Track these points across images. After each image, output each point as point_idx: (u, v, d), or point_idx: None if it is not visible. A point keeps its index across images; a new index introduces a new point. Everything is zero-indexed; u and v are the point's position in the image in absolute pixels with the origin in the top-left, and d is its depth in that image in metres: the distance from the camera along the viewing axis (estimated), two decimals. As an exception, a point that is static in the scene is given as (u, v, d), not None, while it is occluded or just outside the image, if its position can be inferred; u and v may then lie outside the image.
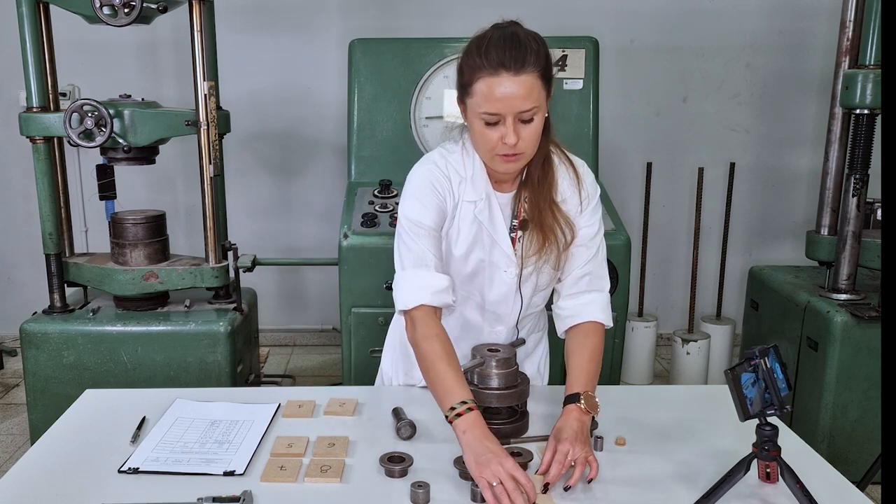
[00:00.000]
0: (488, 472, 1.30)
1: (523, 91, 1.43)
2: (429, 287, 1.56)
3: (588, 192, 1.65)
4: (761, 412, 1.32)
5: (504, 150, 1.49)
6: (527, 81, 1.44)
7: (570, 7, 4.01)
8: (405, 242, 1.60)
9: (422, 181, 1.61)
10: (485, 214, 1.62)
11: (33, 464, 1.50)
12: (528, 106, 1.45)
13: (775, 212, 4.41)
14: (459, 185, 1.61)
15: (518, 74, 1.43)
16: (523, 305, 1.71)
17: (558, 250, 1.62)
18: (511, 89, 1.43)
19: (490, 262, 1.65)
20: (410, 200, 1.61)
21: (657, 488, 1.40)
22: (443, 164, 1.62)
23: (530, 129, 1.48)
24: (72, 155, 3.91)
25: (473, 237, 1.63)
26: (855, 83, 2.83)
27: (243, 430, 1.62)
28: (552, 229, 1.60)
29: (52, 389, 2.78)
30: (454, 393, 1.44)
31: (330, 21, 4.15)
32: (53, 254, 2.89)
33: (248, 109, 3.95)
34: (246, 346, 3.02)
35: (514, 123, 1.46)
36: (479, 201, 1.61)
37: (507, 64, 1.43)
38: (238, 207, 4.05)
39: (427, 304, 1.56)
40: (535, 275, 1.67)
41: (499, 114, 1.45)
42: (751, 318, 3.50)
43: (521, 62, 1.43)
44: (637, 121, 4.27)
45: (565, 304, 1.69)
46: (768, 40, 4.19)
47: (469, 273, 1.67)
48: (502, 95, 1.43)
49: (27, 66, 2.75)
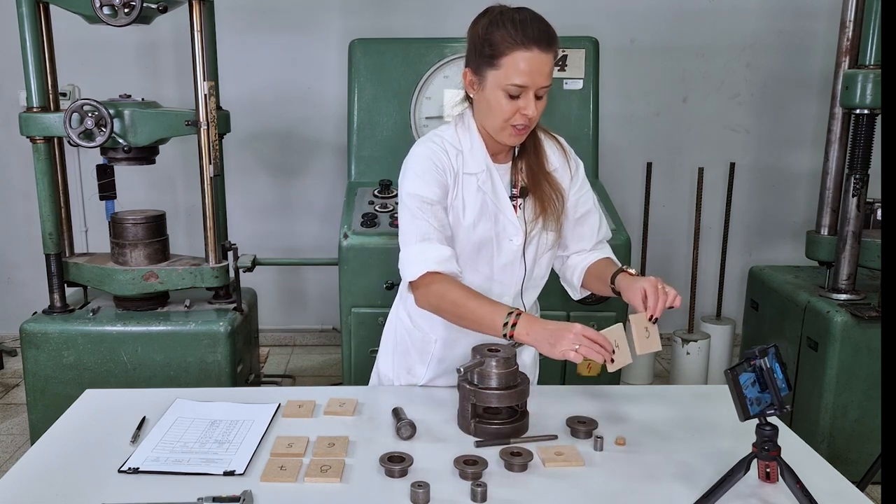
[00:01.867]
0: (565, 344, 1.46)
1: (548, 68, 1.57)
2: (433, 258, 1.62)
3: (575, 160, 1.80)
4: (761, 412, 1.33)
5: (519, 122, 1.60)
6: (551, 60, 1.57)
7: (570, 7, 4.01)
8: (408, 218, 1.66)
9: (420, 158, 1.69)
10: (488, 185, 1.70)
11: (33, 464, 1.50)
12: (548, 82, 1.59)
13: (775, 212, 4.41)
14: (457, 157, 1.69)
15: (547, 52, 1.56)
16: (526, 272, 1.77)
17: (556, 216, 1.74)
18: (540, 65, 1.56)
19: (496, 230, 1.72)
20: (411, 176, 1.67)
21: (657, 488, 1.41)
22: (438, 141, 1.71)
23: (541, 105, 1.61)
24: (72, 155, 3.91)
25: (479, 208, 1.70)
26: (855, 83, 2.83)
27: (243, 430, 1.62)
28: (549, 196, 1.72)
29: (52, 389, 2.78)
30: (495, 314, 1.55)
31: (330, 21, 4.15)
32: (53, 254, 2.89)
33: (248, 109, 3.95)
34: (246, 346, 3.02)
35: (533, 98, 1.58)
36: (481, 173, 1.70)
37: (541, 42, 1.55)
38: (238, 207, 4.05)
39: (433, 271, 1.62)
40: (536, 240, 1.75)
41: (525, 86, 1.56)
42: (751, 318, 3.50)
43: (552, 41, 1.57)
44: (637, 121, 4.27)
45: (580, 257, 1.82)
46: (768, 40, 4.19)
47: (476, 242, 1.72)
48: (533, 70, 1.55)
49: (27, 66, 2.76)
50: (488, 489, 1.35)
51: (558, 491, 1.39)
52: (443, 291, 1.61)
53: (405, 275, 1.66)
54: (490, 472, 1.43)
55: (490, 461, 1.45)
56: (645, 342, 1.58)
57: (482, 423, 1.58)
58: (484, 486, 1.34)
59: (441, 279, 1.62)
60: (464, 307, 1.59)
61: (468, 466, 1.41)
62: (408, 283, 1.68)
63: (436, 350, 1.84)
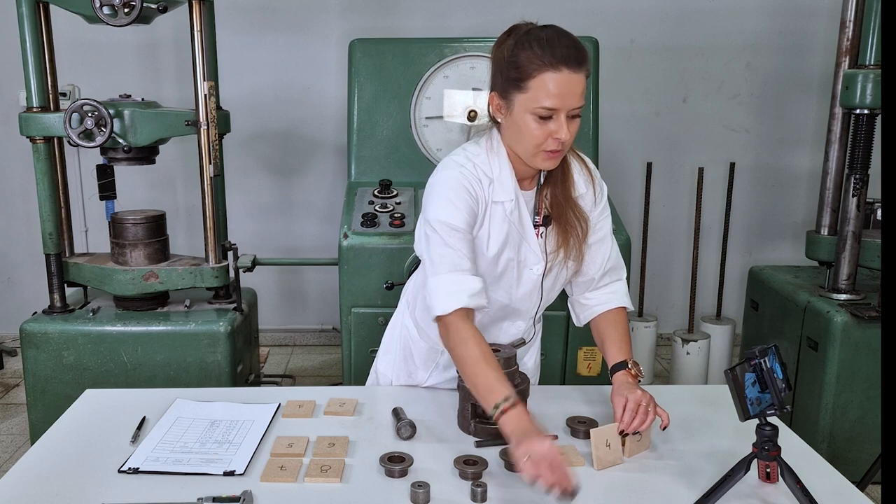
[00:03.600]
0: (526, 455, 1.32)
1: (580, 88, 1.49)
2: (466, 290, 1.55)
3: (601, 186, 1.72)
4: (761, 412, 1.33)
5: (552, 146, 1.52)
6: (582, 80, 1.49)
7: (570, 7, 4.01)
8: (438, 246, 1.57)
9: (454, 183, 1.58)
10: (515, 214, 1.63)
11: (33, 464, 1.50)
12: (581, 103, 1.51)
13: (775, 212, 4.41)
14: (489, 186, 1.60)
15: (577, 72, 1.48)
16: (542, 300, 1.75)
17: (579, 244, 1.67)
18: (571, 86, 1.48)
19: (518, 260, 1.67)
20: (441, 202, 1.58)
21: (657, 488, 1.41)
22: (471, 167, 1.60)
23: (574, 127, 1.53)
24: (72, 155, 3.91)
25: (505, 237, 1.64)
26: (855, 83, 2.83)
27: (243, 430, 1.62)
28: (572, 224, 1.65)
29: (52, 389, 2.78)
30: (497, 391, 1.45)
31: (330, 21, 4.15)
32: (53, 254, 2.89)
33: (248, 109, 3.95)
34: (246, 346, 3.02)
35: (566, 120, 1.50)
36: (510, 201, 1.61)
37: (570, 61, 1.47)
38: (238, 207, 4.05)
39: (464, 307, 1.54)
40: (556, 269, 1.70)
41: (555, 109, 1.48)
42: (751, 318, 3.50)
43: (582, 60, 1.48)
44: (637, 121, 4.27)
45: (592, 295, 1.76)
46: (768, 40, 4.19)
47: (499, 273, 1.67)
48: (563, 91, 1.47)
49: (27, 66, 2.76)
50: (488, 489, 1.35)
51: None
52: (465, 339, 1.53)
53: (436, 307, 1.56)
54: (490, 472, 1.43)
55: (490, 461, 1.46)
56: (605, 455, 1.47)
57: (482, 423, 1.58)
58: (484, 486, 1.34)
59: (465, 324, 1.54)
60: (473, 368, 1.51)
61: (468, 466, 1.42)
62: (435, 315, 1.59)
63: (442, 360, 1.83)
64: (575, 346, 2.76)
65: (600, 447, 1.46)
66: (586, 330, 2.81)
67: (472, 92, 3.00)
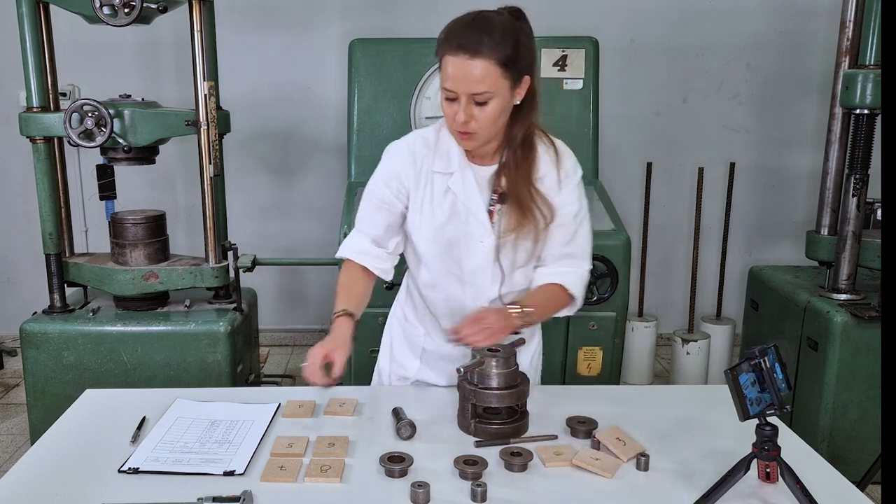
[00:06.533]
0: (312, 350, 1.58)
1: (477, 74, 1.51)
2: (352, 247, 1.78)
3: (567, 170, 1.72)
4: (761, 412, 1.33)
5: (458, 127, 1.59)
6: (482, 66, 1.51)
7: (570, 7, 4.01)
8: (362, 205, 1.80)
9: (387, 156, 1.76)
10: (458, 186, 1.69)
11: (33, 464, 1.50)
12: (480, 89, 1.53)
13: (775, 212, 4.41)
14: (425, 156, 1.71)
15: (473, 58, 1.51)
16: (504, 279, 1.75)
17: (537, 229, 1.69)
18: (467, 71, 1.52)
19: (466, 232, 1.71)
20: (377, 170, 1.77)
21: (657, 488, 1.41)
22: (411, 139, 1.74)
23: (485, 113, 1.56)
24: (72, 155, 3.90)
25: (449, 208, 1.70)
26: (855, 83, 2.83)
27: (243, 430, 1.62)
28: (530, 208, 1.67)
29: (52, 389, 2.78)
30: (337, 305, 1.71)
31: (330, 21, 4.15)
32: (53, 254, 2.89)
33: (248, 109, 3.94)
34: (246, 346, 3.02)
35: (467, 103, 1.55)
36: (454, 173, 1.69)
37: (464, 46, 1.52)
38: (238, 207, 4.05)
39: (349, 258, 1.77)
40: (512, 249, 1.71)
41: (454, 91, 1.55)
42: (751, 318, 3.49)
43: (477, 47, 1.51)
44: (637, 121, 4.27)
45: (540, 270, 1.77)
46: (768, 40, 4.19)
47: (446, 242, 1.73)
48: (458, 75, 1.53)
49: (27, 66, 2.76)
50: (488, 489, 1.35)
51: (558, 491, 1.39)
52: (341, 273, 1.78)
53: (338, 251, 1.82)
54: (490, 472, 1.43)
55: (490, 461, 1.46)
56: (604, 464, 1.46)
57: (482, 423, 1.59)
58: (484, 486, 1.34)
59: (347, 272, 1.78)
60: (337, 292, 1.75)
61: (468, 466, 1.42)
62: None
63: (424, 342, 1.89)
64: (575, 346, 2.76)
65: (593, 464, 1.45)
66: (586, 330, 2.82)
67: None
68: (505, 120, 1.62)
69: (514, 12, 1.60)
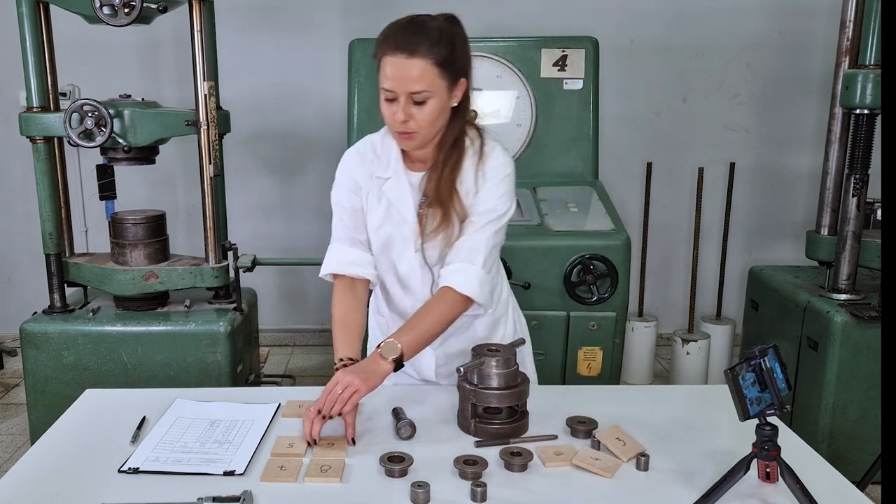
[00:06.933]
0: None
1: (414, 73, 1.55)
2: (334, 259, 1.80)
3: (485, 171, 1.71)
4: (761, 412, 1.33)
5: (397, 127, 1.61)
6: (419, 66, 1.55)
7: (570, 7, 4.01)
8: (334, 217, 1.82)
9: (342, 164, 1.80)
10: (393, 191, 1.73)
11: (33, 464, 1.50)
12: (418, 88, 1.56)
13: (775, 212, 4.41)
14: (372, 161, 1.75)
15: (410, 58, 1.55)
16: (434, 282, 1.77)
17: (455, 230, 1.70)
18: (404, 70, 1.55)
19: (400, 235, 1.75)
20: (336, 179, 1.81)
21: (657, 488, 1.41)
22: (360, 144, 1.80)
23: (424, 112, 1.59)
24: (72, 155, 3.90)
25: (385, 212, 1.75)
26: (855, 83, 2.83)
27: (243, 430, 1.62)
28: (448, 210, 1.69)
29: (52, 389, 2.78)
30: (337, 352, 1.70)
31: (330, 21, 4.15)
32: (53, 254, 2.89)
33: (248, 109, 3.94)
34: (246, 346, 3.02)
35: (406, 103, 1.58)
36: (390, 178, 1.74)
37: (401, 46, 1.56)
38: (238, 207, 4.05)
39: (335, 272, 1.78)
40: (437, 251, 1.73)
41: (392, 91, 1.58)
42: (751, 318, 3.49)
43: (413, 46, 1.55)
44: (637, 121, 4.27)
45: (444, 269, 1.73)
46: (768, 40, 4.19)
47: (382, 245, 1.78)
48: (396, 75, 1.56)
49: (27, 66, 2.76)
50: (488, 489, 1.35)
51: (558, 491, 1.39)
52: (333, 303, 1.77)
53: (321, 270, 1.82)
54: (490, 472, 1.43)
55: (490, 461, 1.46)
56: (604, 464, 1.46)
57: (482, 423, 1.59)
58: (484, 486, 1.34)
59: (337, 290, 1.78)
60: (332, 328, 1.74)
61: (468, 466, 1.42)
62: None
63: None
64: (575, 346, 2.76)
65: (593, 464, 1.45)
66: (586, 330, 2.82)
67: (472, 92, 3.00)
68: (444, 122, 1.65)
69: (449, 18, 1.64)
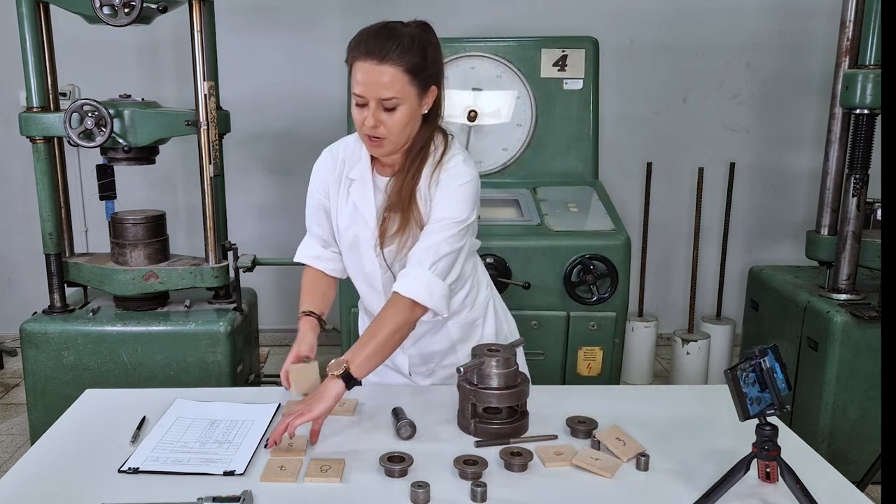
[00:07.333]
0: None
1: (386, 80, 1.57)
2: (304, 252, 1.92)
3: (440, 178, 1.70)
4: (761, 412, 1.33)
5: (367, 132, 1.63)
6: (389, 72, 1.58)
7: (570, 7, 4.00)
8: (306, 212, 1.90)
9: (316, 165, 1.89)
10: (358, 193, 1.77)
11: (33, 464, 1.50)
12: (388, 94, 1.58)
13: (775, 212, 4.41)
14: (343, 161, 1.80)
15: (381, 64, 1.57)
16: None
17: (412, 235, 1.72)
18: (375, 76, 1.58)
19: (363, 237, 1.78)
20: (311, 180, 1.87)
21: (657, 488, 1.41)
22: (335, 145, 1.86)
23: (394, 119, 1.61)
24: (72, 155, 3.90)
25: (351, 213, 1.79)
26: (855, 83, 2.83)
27: (243, 430, 1.62)
28: (407, 215, 1.71)
29: (52, 389, 2.78)
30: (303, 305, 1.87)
31: (330, 20, 4.15)
32: (53, 254, 2.89)
33: (248, 109, 3.94)
34: (246, 346, 3.02)
35: (376, 109, 1.60)
36: (357, 181, 1.77)
37: (372, 52, 1.58)
38: (238, 207, 4.05)
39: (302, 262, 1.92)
40: (398, 256, 1.75)
41: (363, 96, 1.60)
42: (751, 318, 3.49)
43: (384, 53, 1.58)
44: (637, 121, 4.27)
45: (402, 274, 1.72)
46: (768, 40, 4.19)
47: (349, 244, 1.82)
48: (366, 80, 1.59)
49: (27, 66, 2.75)
50: (488, 489, 1.35)
51: (558, 491, 1.39)
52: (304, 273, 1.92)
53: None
54: (490, 472, 1.43)
55: (490, 461, 1.46)
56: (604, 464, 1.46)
57: (482, 423, 1.59)
58: (484, 486, 1.35)
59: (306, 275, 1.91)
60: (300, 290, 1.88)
61: (468, 466, 1.42)
62: None
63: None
64: (575, 346, 2.76)
65: (593, 464, 1.46)
66: (586, 330, 2.82)
67: (472, 92, 3.01)
68: (414, 129, 1.66)
69: (421, 25, 1.67)
